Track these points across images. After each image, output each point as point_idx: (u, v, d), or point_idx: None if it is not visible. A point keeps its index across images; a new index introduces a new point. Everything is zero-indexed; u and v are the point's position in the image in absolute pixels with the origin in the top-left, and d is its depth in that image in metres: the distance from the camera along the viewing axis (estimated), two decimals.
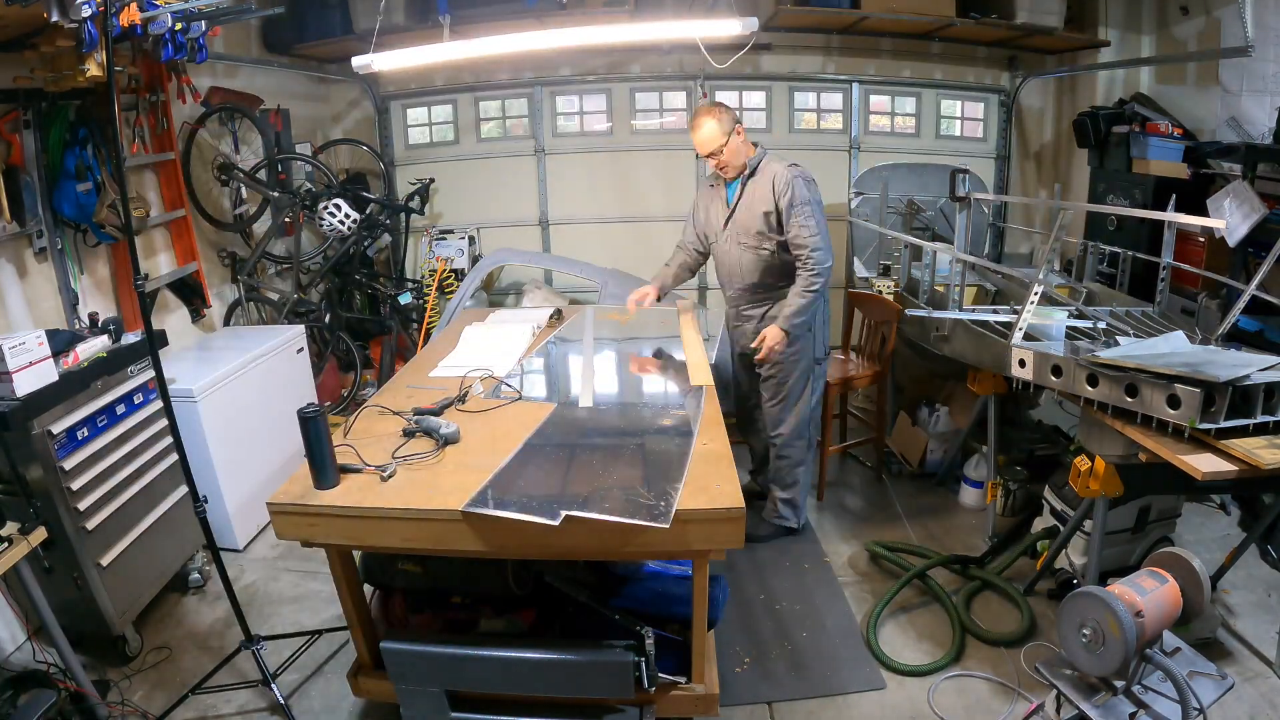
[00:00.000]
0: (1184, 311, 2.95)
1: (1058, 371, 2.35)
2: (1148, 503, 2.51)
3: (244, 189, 3.90)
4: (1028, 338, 2.56)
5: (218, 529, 2.71)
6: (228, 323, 3.89)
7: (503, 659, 1.87)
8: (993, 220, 4.66)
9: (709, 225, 2.99)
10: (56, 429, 2.18)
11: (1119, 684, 1.64)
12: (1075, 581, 2.54)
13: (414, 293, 4.64)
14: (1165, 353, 2.23)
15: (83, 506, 2.27)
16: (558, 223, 5.04)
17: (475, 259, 4.72)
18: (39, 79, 2.49)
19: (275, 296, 4.04)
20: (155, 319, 2.83)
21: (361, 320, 4.64)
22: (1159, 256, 2.82)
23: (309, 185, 4.21)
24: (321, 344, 4.32)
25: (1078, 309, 2.90)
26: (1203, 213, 3.04)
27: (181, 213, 3.44)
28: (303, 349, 3.60)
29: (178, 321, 3.52)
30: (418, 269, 4.97)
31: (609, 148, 4.94)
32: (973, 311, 3.00)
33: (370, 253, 4.76)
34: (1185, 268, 2.91)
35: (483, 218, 5.00)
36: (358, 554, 2.08)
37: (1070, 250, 3.78)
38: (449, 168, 4.99)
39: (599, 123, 4.97)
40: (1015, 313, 2.67)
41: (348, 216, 3.94)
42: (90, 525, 2.30)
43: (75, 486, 2.24)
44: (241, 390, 3.07)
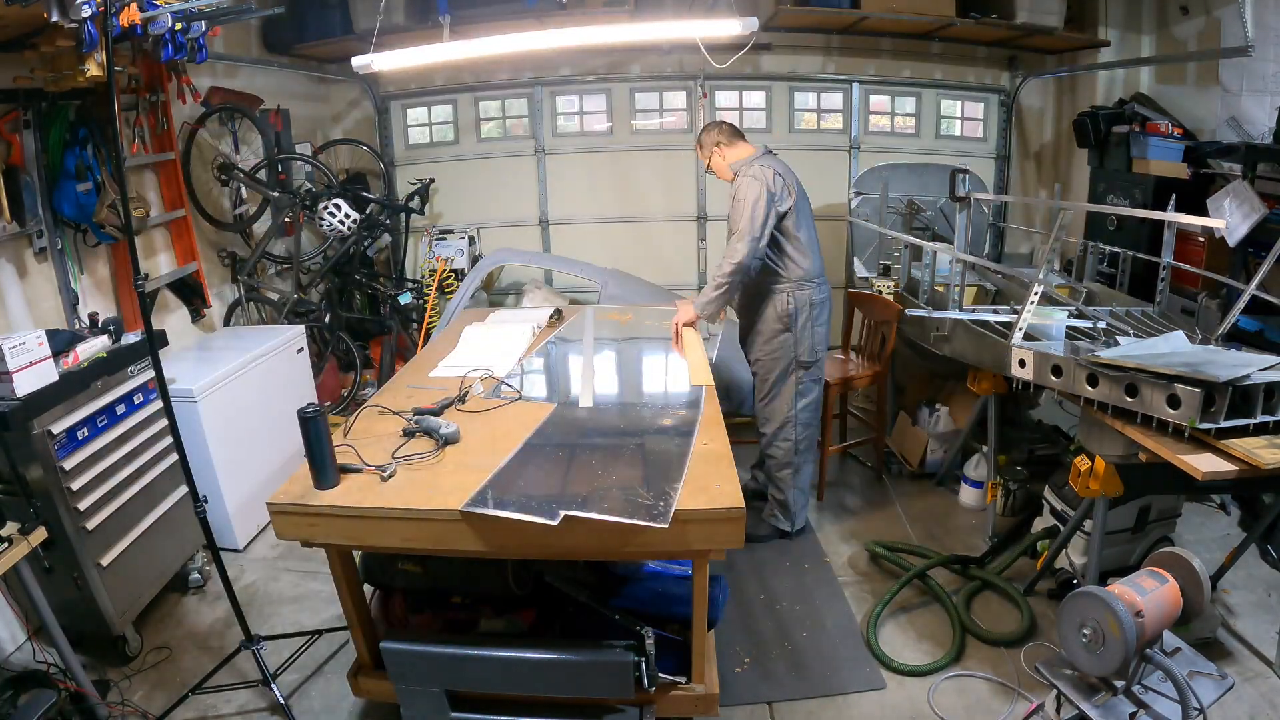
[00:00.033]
0: (1184, 311, 2.95)
1: (1058, 371, 2.35)
2: (1148, 503, 2.51)
3: (244, 189, 3.90)
4: (1028, 338, 2.56)
5: (218, 529, 2.70)
6: (228, 323, 3.89)
7: (503, 659, 1.87)
8: (993, 220, 4.66)
9: None
10: (56, 429, 2.18)
11: (1119, 684, 1.64)
12: (1075, 581, 2.54)
13: (414, 293, 4.64)
14: (1165, 353, 2.23)
15: (83, 506, 2.27)
16: (558, 223, 5.04)
17: (475, 259, 4.72)
18: (39, 79, 2.49)
19: (275, 296, 4.04)
20: (155, 319, 2.83)
21: (361, 320, 4.64)
22: (1159, 256, 2.82)
23: (309, 185, 4.21)
24: (321, 344, 4.32)
25: (1078, 309, 2.90)
26: (1203, 213, 3.04)
27: (181, 213, 3.44)
28: (303, 349, 3.60)
29: (178, 321, 3.52)
30: (418, 269, 4.98)
31: (609, 148, 4.94)
32: (973, 311, 3.00)
33: (370, 253, 4.76)
34: (1185, 268, 2.92)
35: (483, 218, 5.00)
36: (358, 554, 2.08)
37: (1070, 250, 3.78)
38: (449, 168, 4.99)
39: (599, 123, 4.97)
40: (1015, 313, 2.67)
41: (348, 216, 3.94)
42: (90, 525, 2.30)
43: (75, 486, 2.24)
44: (241, 390, 3.07)
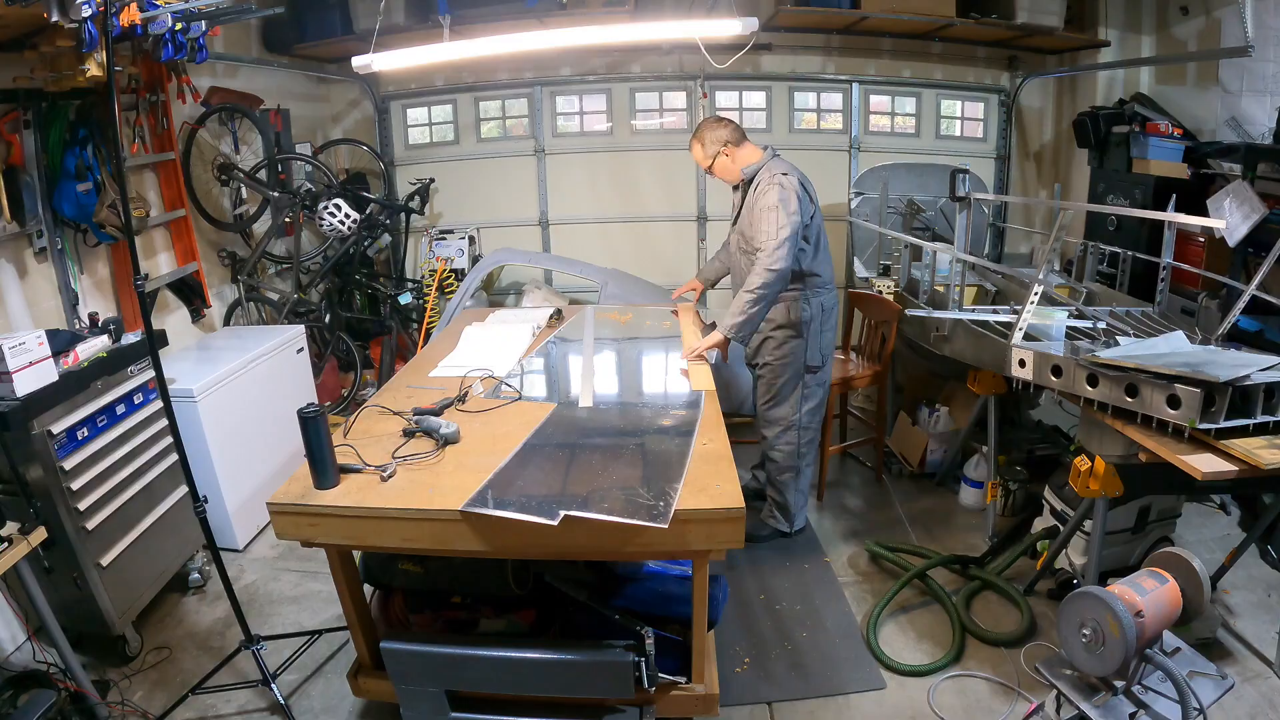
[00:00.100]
0: (1184, 311, 2.95)
1: (1058, 371, 2.35)
2: (1148, 503, 2.51)
3: (244, 189, 3.90)
4: (1028, 338, 2.56)
5: (218, 529, 2.71)
6: (228, 323, 3.89)
7: (503, 659, 1.87)
8: (993, 220, 4.66)
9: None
10: (56, 429, 2.18)
11: (1119, 684, 1.64)
12: (1075, 581, 2.54)
13: (414, 293, 4.64)
14: (1165, 353, 2.22)
15: (83, 506, 2.27)
16: (558, 223, 5.04)
17: (475, 259, 4.72)
18: (39, 79, 2.49)
19: (275, 296, 4.04)
20: (155, 319, 2.83)
21: (361, 320, 4.63)
22: (1159, 256, 2.82)
23: (309, 185, 4.21)
24: (321, 344, 4.32)
25: (1078, 309, 2.90)
26: (1203, 213, 3.04)
27: (181, 213, 3.44)
28: (303, 349, 3.60)
29: (178, 321, 3.52)
30: (418, 269, 4.97)
31: (609, 148, 4.94)
32: (973, 311, 3.00)
33: (370, 253, 4.76)
34: (1185, 268, 2.92)
35: (483, 218, 5.00)
36: (358, 554, 2.08)
37: (1070, 250, 3.78)
38: (449, 168, 4.99)
39: (599, 123, 4.97)
40: (1015, 313, 2.67)
41: (348, 216, 3.94)
42: (90, 525, 2.30)
43: (75, 486, 2.24)
44: (241, 390, 3.07)
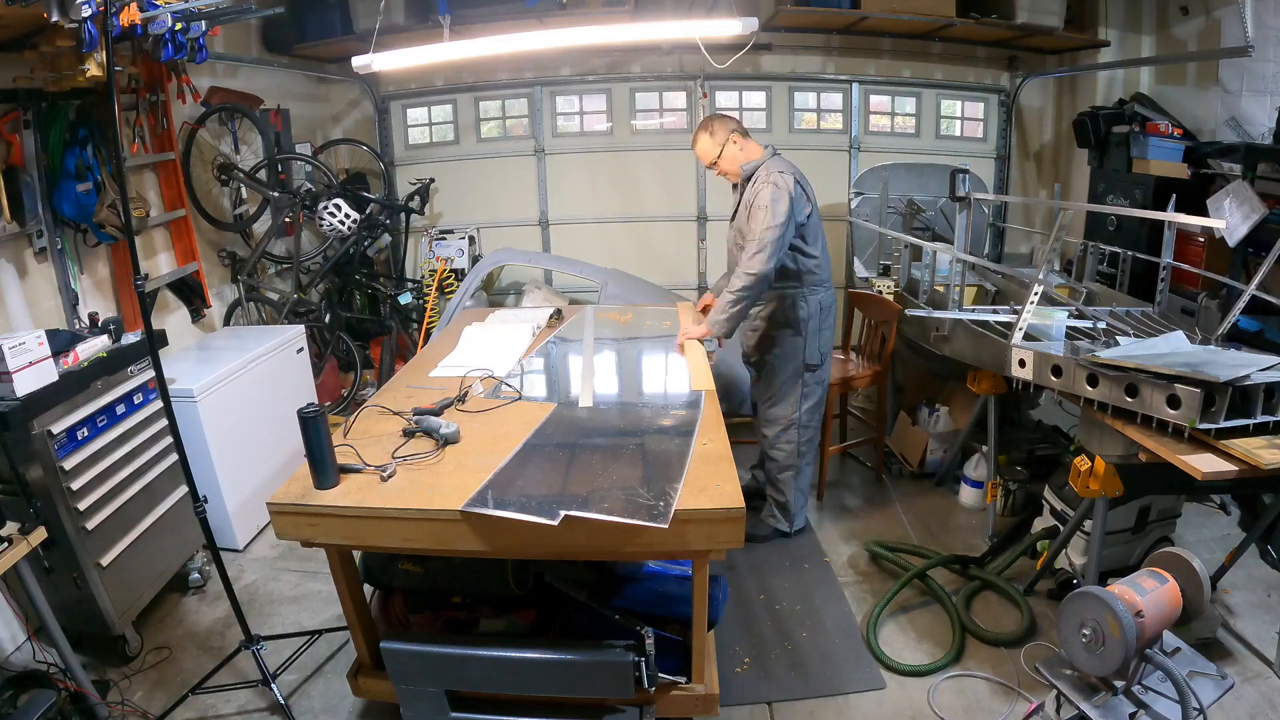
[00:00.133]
0: (1184, 311, 2.95)
1: (1058, 371, 2.35)
2: (1148, 503, 2.51)
3: (244, 189, 3.90)
4: (1028, 338, 2.56)
5: (218, 529, 2.71)
6: (228, 323, 3.89)
7: (503, 659, 1.87)
8: (993, 220, 4.66)
9: None
10: (56, 429, 2.18)
11: (1119, 684, 1.64)
12: (1075, 581, 2.54)
13: (414, 293, 4.64)
14: (1165, 353, 2.22)
15: (83, 506, 2.27)
16: (558, 223, 5.04)
17: (475, 259, 4.72)
18: (39, 79, 2.49)
19: (275, 296, 4.04)
20: (155, 319, 2.83)
21: (361, 320, 4.63)
22: (1159, 256, 2.82)
23: (309, 185, 4.21)
24: (321, 344, 4.32)
25: (1078, 309, 2.90)
26: (1203, 213, 3.04)
27: (181, 213, 3.44)
28: (303, 349, 3.60)
29: (178, 321, 3.52)
30: (418, 269, 4.97)
31: (609, 148, 4.94)
32: (973, 311, 3.00)
33: (370, 253, 4.76)
34: (1185, 268, 2.92)
35: (483, 218, 5.00)
36: (358, 554, 2.08)
37: (1070, 250, 3.78)
38: (449, 168, 4.99)
39: (599, 123, 4.96)
40: (1015, 313, 2.67)
41: (348, 216, 3.94)
42: (90, 525, 2.30)
43: (75, 486, 2.24)
44: (241, 390, 3.07)
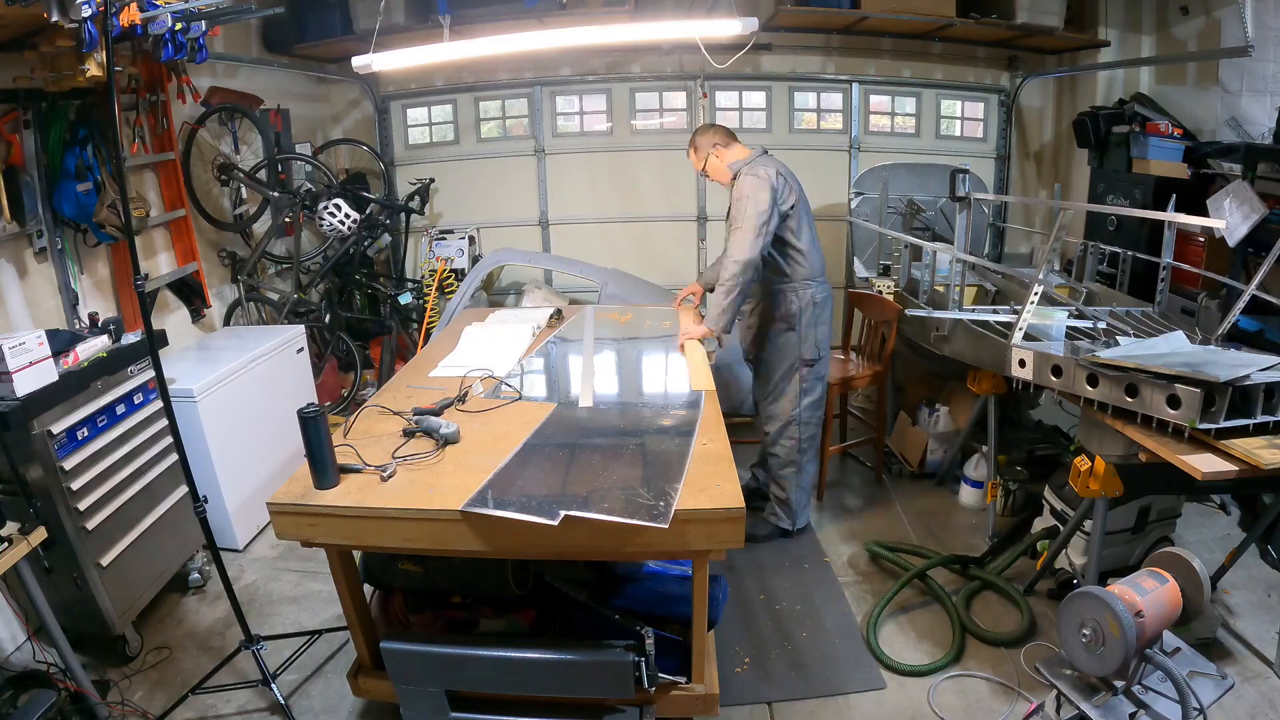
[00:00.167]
0: (1184, 311, 2.95)
1: (1058, 371, 2.35)
2: (1148, 503, 2.51)
3: (244, 189, 3.90)
4: (1028, 338, 2.56)
5: (218, 529, 2.71)
6: (228, 323, 3.89)
7: (503, 659, 1.87)
8: (993, 220, 4.66)
9: None
10: (56, 429, 2.18)
11: (1119, 684, 1.64)
12: (1075, 581, 2.54)
13: (414, 293, 4.64)
14: (1165, 353, 2.22)
15: (83, 506, 2.27)
16: (558, 223, 5.04)
17: (475, 259, 4.72)
18: (39, 79, 2.49)
19: (275, 296, 4.04)
20: (155, 319, 2.83)
21: (361, 320, 4.63)
22: (1159, 256, 2.82)
23: (309, 185, 4.21)
24: (321, 344, 4.32)
25: (1078, 309, 2.90)
26: (1203, 213, 3.04)
27: (181, 213, 3.44)
28: (303, 349, 3.60)
29: (178, 321, 3.52)
30: (418, 269, 4.98)
31: (609, 148, 4.95)
32: (973, 311, 3.00)
33: (370, 253, 4.76)
34: (1185, 268, 2.92)
35: (483, 218, 5.00)
36: (358, 554, 2.08)
37: (1070, 250, 3.78)
38: (449, 168, 4.99)
39: (599, 123, 4.97)
40: (1015, 313, 2.67)
41: (348, 216, 3.94)
42: (90, 525, 2.30)
43: (75, 486, 2.24)
44: (241, 390, 3.07)
